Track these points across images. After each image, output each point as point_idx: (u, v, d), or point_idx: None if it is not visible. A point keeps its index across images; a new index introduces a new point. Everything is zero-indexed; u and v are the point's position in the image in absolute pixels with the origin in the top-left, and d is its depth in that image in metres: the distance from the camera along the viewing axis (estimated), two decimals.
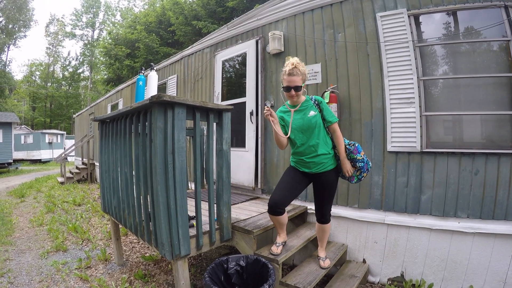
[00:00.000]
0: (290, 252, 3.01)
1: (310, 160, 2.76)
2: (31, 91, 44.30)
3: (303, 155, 2.78)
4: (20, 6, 35.37)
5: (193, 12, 19.12)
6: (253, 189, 4.71)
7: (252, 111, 4.72)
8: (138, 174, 2.82)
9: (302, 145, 2.76)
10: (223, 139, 2.85)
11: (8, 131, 18.26)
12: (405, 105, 3.39)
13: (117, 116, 3.29)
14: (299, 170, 2.88)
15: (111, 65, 24.41)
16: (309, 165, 2.78)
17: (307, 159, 2.77)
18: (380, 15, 3.56)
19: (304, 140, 2.74)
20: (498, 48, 3.19)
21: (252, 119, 4.71)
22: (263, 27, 4.80)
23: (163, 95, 2.24)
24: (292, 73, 2.65)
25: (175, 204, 2.40)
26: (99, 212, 6.88)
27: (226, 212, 2.92)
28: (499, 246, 2.94)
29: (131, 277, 3.68)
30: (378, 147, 3.55)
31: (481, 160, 3.05)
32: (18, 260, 4.20)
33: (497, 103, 3.11)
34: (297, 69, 2.65)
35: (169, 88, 7.14)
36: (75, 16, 45.36)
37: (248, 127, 4.81)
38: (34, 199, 8.96)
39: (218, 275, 2.47)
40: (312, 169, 2.78)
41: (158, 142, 2.33)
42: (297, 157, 2.85)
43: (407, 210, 3.37)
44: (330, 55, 3.98)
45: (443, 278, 3.18)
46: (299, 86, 2.68)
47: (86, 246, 4.79)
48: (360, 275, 3.27)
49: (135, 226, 3.03)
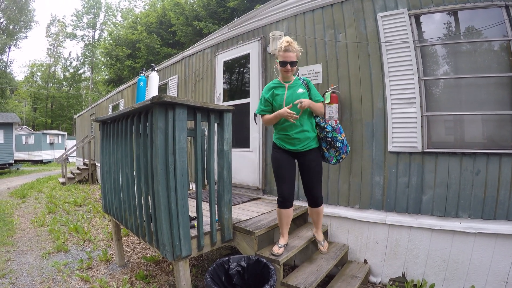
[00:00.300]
0: (291, 252, 3.01)
1: (296, 136, 2.88)
2: (32, 92, 44.43)
3: (289, 131, 2.89)
4: (21, 7, 35.49)
5: (194, 13, 19.15)
6: (256, 189, 4.72)
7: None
8: (139, 174, 2.82)
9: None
10: (224, 139, 2.85)
11: (9, 131, 18.30)
12: (406, 105, 3.39)
13: (118, 117, 3.30)
14: (284, 151, 2.98)
15: (112, 65, 24.49)
16: (294, 141, 2.90)
17: (293, 135, 2.88)
18: (380, 15, 3.56)
19: None
20: (499, 48, 3.18)
21: (256, 120, 4.71)
22: (264, 28, 4.80)
23: (164, 96, 2.24)
24: (288, 49, 2.79)
25: (176, 204, 2.40)
26: (100, 213, 6.89)
27: (227, 213, 2.92)
28: (501, 246, 2.93)
29: (132, 277, 3.68)
30: (379, 147, 3.55)
31: (482, 160, 3.04)
32: (20, 260, 4.20)
33: (498, 103, 3.11)
34: (292, 46, 2.81)
35: (170, 88, 7.15)
36: (76, 16, 45.51)
37: (252, 128, 4.81)
38: (35, 199, 8.98)
39: (219, 276, 2.47)
40: (297, 146, 2.90)
41: (159, 142, 2.34)
42: (282, 132, 2.95)
43: (409, 210, 3.37)
44: (331, 56, 3.98)
45: (445, 279, 3.17)
46: (295, 61, 2.85)
47: (88, 247, 4.80)
48: (361, 275, 3.26)
49: (136, 227, 3.03)
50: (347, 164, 3.77)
